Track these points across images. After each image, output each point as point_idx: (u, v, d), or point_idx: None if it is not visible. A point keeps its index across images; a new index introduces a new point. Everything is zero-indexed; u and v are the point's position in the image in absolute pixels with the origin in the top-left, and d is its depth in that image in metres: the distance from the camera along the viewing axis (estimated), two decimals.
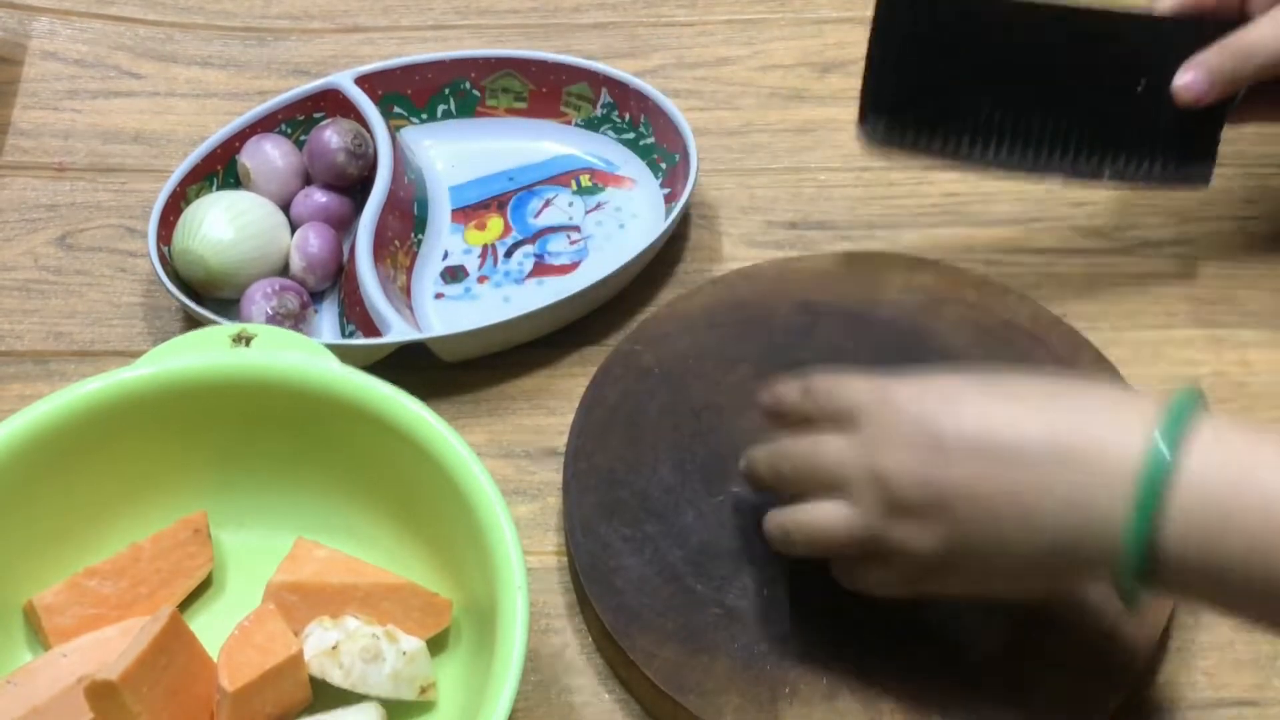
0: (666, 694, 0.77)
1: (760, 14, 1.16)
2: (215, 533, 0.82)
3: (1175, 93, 0.86)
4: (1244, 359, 0.94)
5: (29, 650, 0.79)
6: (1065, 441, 0.63)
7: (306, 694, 0.75)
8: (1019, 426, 0.65)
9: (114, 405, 0.78)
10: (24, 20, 1.16)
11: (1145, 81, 0.87)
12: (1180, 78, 0.86)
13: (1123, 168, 0.89)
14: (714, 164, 1.06)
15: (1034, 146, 0.88)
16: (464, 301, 0.98)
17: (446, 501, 0.75)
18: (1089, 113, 0.88)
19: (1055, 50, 0.87)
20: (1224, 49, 0.85)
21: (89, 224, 1.03)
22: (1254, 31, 0.84)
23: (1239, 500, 0.60)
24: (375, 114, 1.01)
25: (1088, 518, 0.63)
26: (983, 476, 0.65)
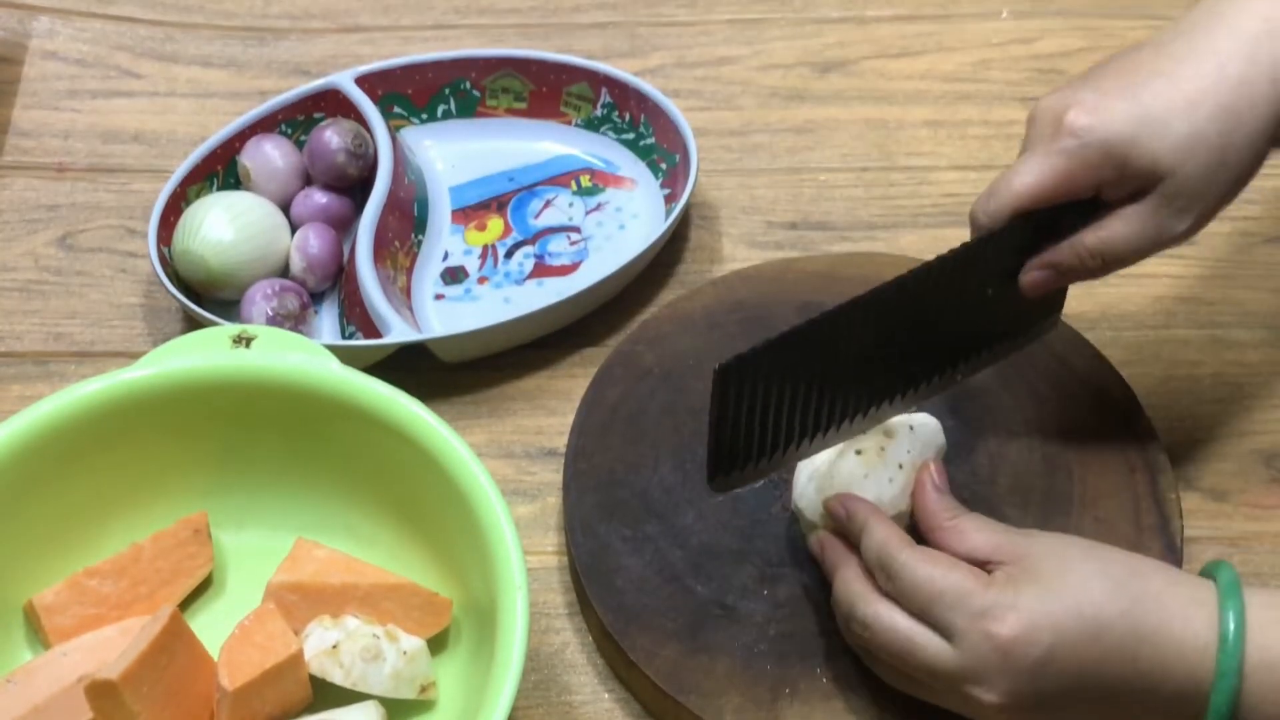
0: (666, 694, 0.77)
1: (760, 14, 1.16)
2: (215, 533, 0.82)
3: (1024, 288, 0.78)
4: (1243, 359, 0.94)
5: (29, 650, 0.79)
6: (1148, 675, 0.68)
7: (307, 693, 0.76)
8: (1110, 666, 0.68)
9: (114, 406, 0.78)
10: (24, 20, 1.16)
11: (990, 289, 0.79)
12: (1028, 276, 0.78)
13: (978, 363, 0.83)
14: (714, 164, 1.06)
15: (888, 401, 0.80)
16: (464, 302, 0.98)
17: (446, 502, 0.75)
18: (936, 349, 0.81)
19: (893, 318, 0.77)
20: (1076, 250, 0.76)
21: (89, 224, 1.03)
22: (1117, 237, 0.75)
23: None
24: (375, 114, 1.01)
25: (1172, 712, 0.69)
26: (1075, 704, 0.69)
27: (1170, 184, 0.72)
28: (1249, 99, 0.72)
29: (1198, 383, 0.93)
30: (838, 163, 1.07)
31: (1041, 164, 0.74)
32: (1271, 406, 0.92)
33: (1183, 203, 0.73)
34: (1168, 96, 0.72)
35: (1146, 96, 0.72)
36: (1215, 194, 0.73)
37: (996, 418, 0.87)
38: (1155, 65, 0.73)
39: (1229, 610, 0.67)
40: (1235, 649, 0.66)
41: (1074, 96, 0.73)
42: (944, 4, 1.17)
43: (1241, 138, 0.72)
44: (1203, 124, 0.72)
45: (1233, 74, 0.72)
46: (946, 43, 1.14)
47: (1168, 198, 0.73)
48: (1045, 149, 0.74)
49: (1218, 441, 0.91)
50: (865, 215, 1.03)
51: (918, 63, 1.13)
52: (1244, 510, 0.88)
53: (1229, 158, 0.72)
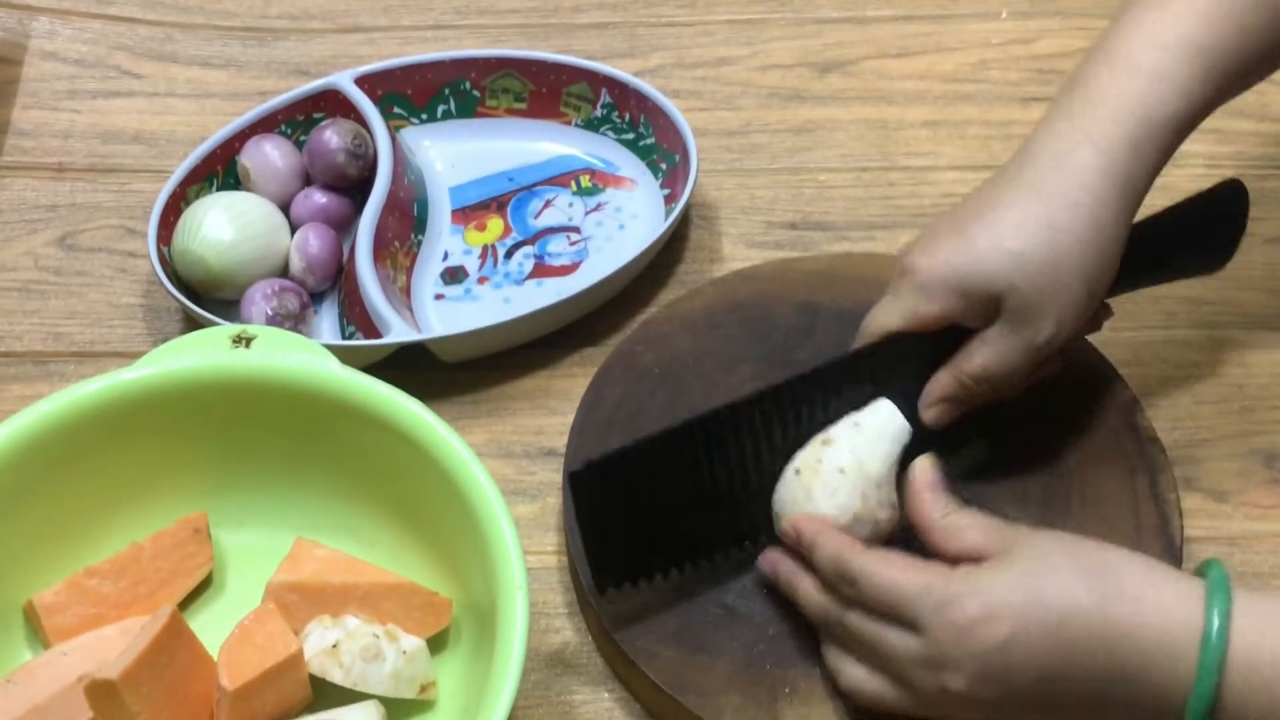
0: (666, 693, 0.77)
1: (760, 14, 1.16)
2: (215, 533, 0.82)
3: (929, 423, 0.81)
4: (1242, 360, 0.94)
5: (29, 649, 0.79)
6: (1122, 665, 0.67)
7: (306, 693, 0.76)
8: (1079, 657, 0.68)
9: (114, 406, 0.78)
10: (24, 20, 1.16)
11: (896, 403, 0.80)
12: (928, 412, 0.81)
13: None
14: (714, 164, 1.06)
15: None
16: (464, 302, 0.98)
17: (446, 501, 0.75)
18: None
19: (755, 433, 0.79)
20: (958, 377, 0.80)
21: (89, 224, 1.03)
22: (990, 361, 0.79)
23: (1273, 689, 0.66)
24: (375, 114, 1.01)
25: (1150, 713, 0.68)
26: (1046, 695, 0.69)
27: (1012, 301, 0.76)
28: (1073, 214, 0.76)
29: (1198, 383, 0.93)
30: (837, 163, 1.07)
31: (892, 305, 0.80)
32: (1271, 407, 0.92)
33: (1032, 314, 0.77)
34: (994, 228, 0.77)
35: (974, 229, 0.77)
36: (1065, 298, 0.76)
37: (996, 418, 0.87)
38: (982, 203, 0.78)
39: (1214, 608, 0.66)
40: (1217, 647, 0.65)
41: (917, 246, 0.79)
42: (943, 4, 1.17)
43: (1071, 245, 0.76)
44: (1027, 243, 0.76)
45: (1054, 194, 0.76)
46: (946, 43, 1.14)
47: (1016, 313, 0.77)
48: (894, 292, 0.80)
49: (1218, 441, 0.91)
50: (865, 215, 1.03)
51: (917, 63, 1.13)
52: (1244, 510, 0.88)
53: (1065, 265, 0.76)
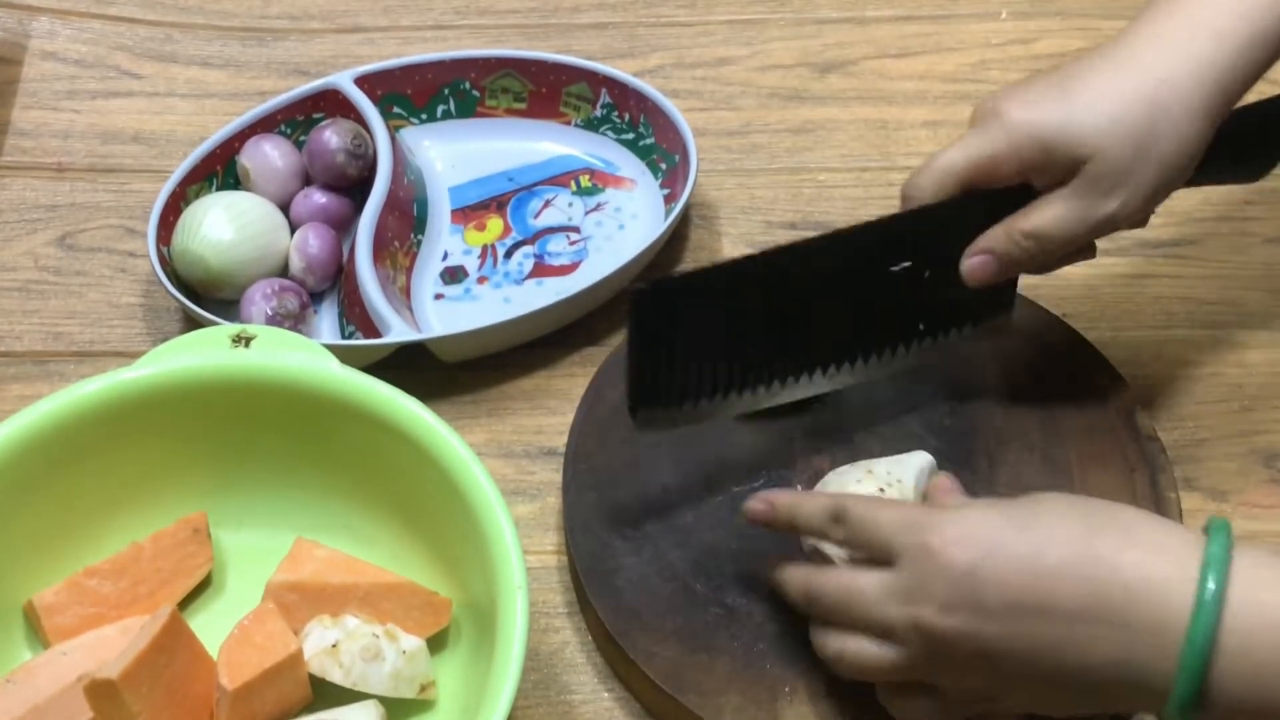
0: (666, 693, 0.77)
1: (760, 14, 1.16)
2: (215, 532, 0.82)
3: (964, 276, 0.81)
4: (1242, 360, 0.94)
5: (29, 649, 0.79)
6: (1106, 600, 0.64)
7: (306, 692, 0.75)
8: (1057, 582, 0.65)
9: (114, 406, 0.78)
10: (24, 20, 1.16)
11: (928, 270, 0.82)
12: (967, 261, 0.81)
13: (925, 351, 0.86)
14: (713, 164, 1.06)
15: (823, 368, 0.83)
16: (464, 302, 0.98)
17: (446, 501, 0.75)
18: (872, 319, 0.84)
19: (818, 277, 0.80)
20: (1010, 233, 0.79)
21: (89, 224, 1.03)
22: (1047, 220, 0.78)
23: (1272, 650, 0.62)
24: (375, 114, 1.01)
25: (1133, 671, 0.64)
26: (1025, 635, 0.65)
27: (1093, 165, 0.76)
28: (1174, 94, 0.76)
29: (1198, 383, 0.93)
30: (837, 163, 1.07)
31: (969, 145, 0.79)
32: (1271, 407, 0.92)
33: (1108, 183, 0.76)
34: (1095, 89, 0.77)
35: (1075, 89, 0.77)
36: (1142, 178, 0.76)
37: (996, 418, 0.87)
38: (1087, 67, 0.78)
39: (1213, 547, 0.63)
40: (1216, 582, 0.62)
41: (1009, 92, 0.79)
42: (943, 4, 1.17)
43: (1166, 126, 0.75)
44: (1125, 110, 0.76)
45: (1159, 73, 0.76)
46: (946, 43, 1.14)
47: (1092, 179, 0.76)
48: (973, 133, 0.79)
49: (1218, 441, 0.91)
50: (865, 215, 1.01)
51: (917, 63, 1.13)
52: (1244, 510, 0.88)
53: (1153, 143, 0.76)
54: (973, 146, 0.79)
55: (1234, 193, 1.02)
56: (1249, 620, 0.62)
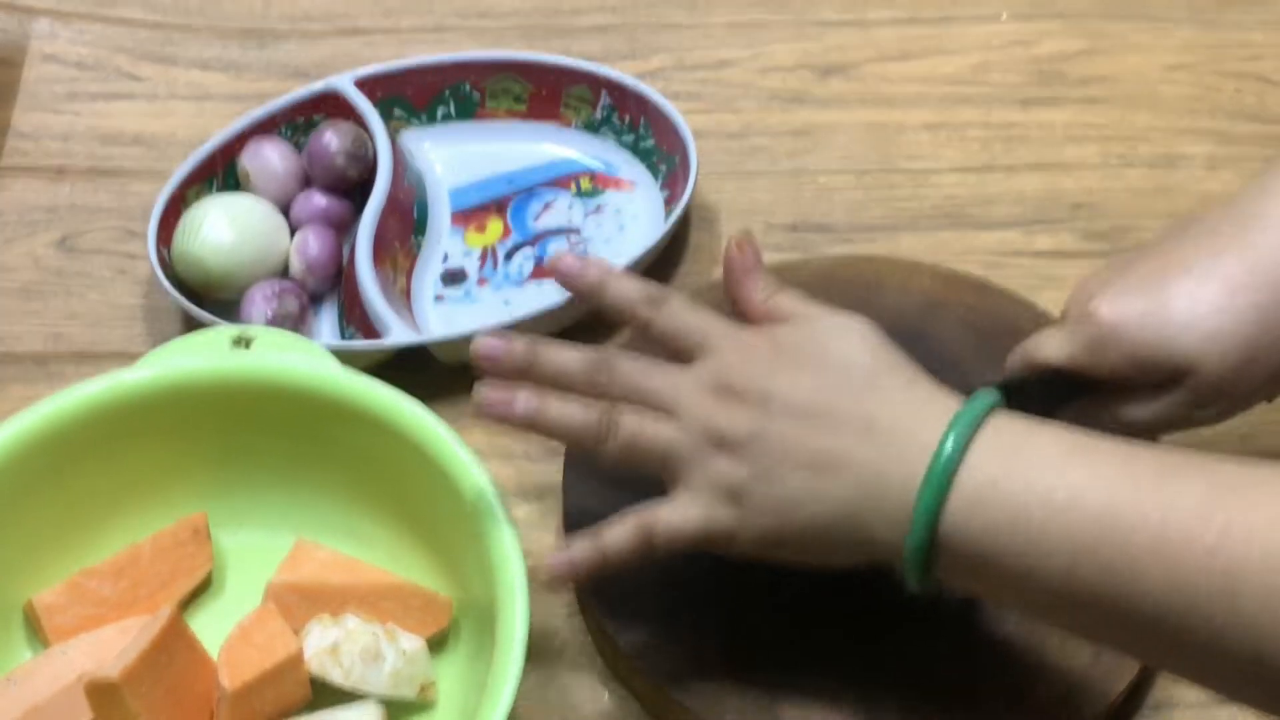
0: (666, 694, 0.77)
1: (760, 16, 1.16)
2: (215, 533, 0.82)
3: None
4: None
5: (29, 650, 0.79)
6: (874, 420, 0.67)
7: (306, 693, 0.75)
8: (840, 398, 0.68)
9: (114, 407, 0.78)
10: (24, 22, 1.16)
11: None
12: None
13: None
14: (714, 166, 1.05)
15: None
16: (464, 304, 0.98)
17: (446, 502, 0.75)
18: None
19: None
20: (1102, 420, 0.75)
21: (89, 226, 1.03)
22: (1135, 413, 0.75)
23: (1003, 484, 0.64)
24: (375, 117, 1.01)
25: (879, 493, 0.66)
26: (795, 434, 0.68)
27: (1195, 380, 0.72)
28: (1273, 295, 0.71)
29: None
30: (838, 165, 1.07)
31: (1063, 342, 0.76)
32: (1271, 407, 0.92)
33: (1210, 396, 0.73)
34: (1195, 295, 0.72)
35: (1173, 293, 0.72)
36: (1246, 388, 0.74)
37: None
38: (1184, 255, 0.73)
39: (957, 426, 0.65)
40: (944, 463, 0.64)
41: (1105, 281, 0.75)
42: (944, 7, 1.17)
43: (1269, 335, 0.72)
44: (1231, 323, 0.71)
45: (1269, 273, 0.72)
46: (946, 46, 1.14)
47: (1193, 391, 0.73)
48: (1071, 329, 0.76)
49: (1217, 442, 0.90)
50: (865, 218, 1.03)
51: (918, 66, 1.13)
52: None
53: (1261, 355, 0.72)
54: (1065, 348, 0.75)
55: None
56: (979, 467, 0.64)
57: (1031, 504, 0.63)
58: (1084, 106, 1.10)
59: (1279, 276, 0.71)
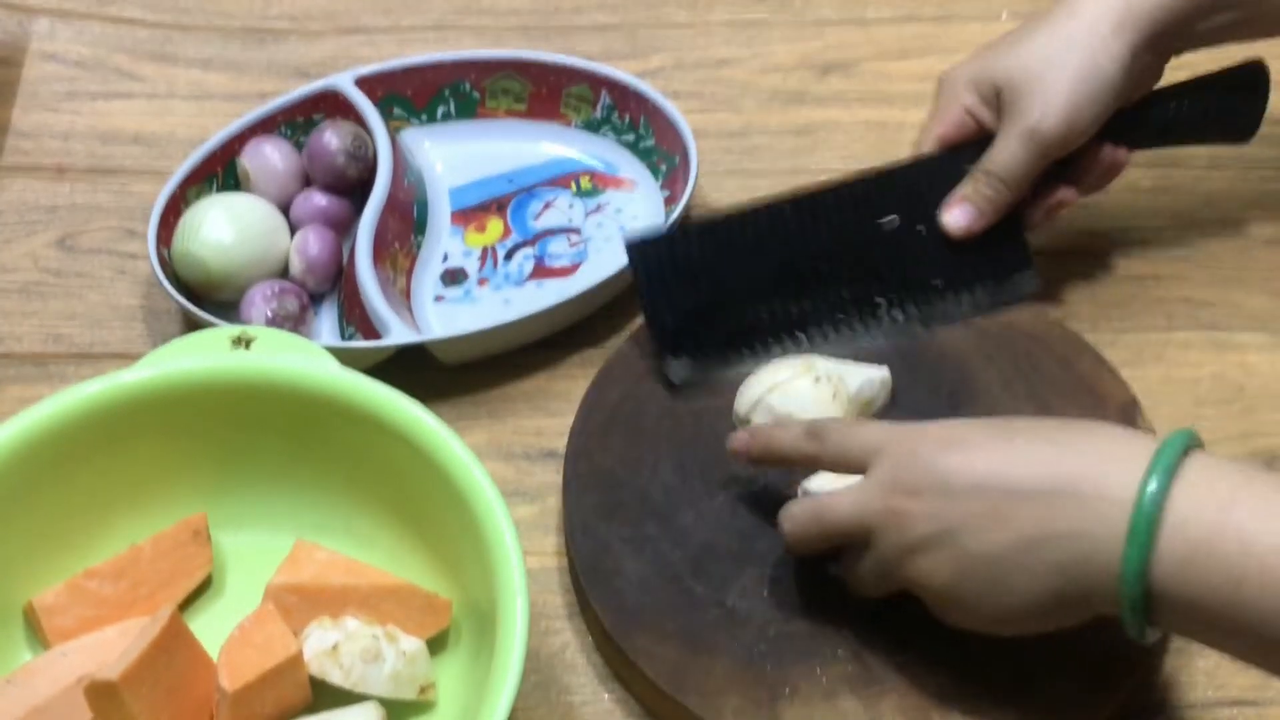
0: (666, 694, 0.77)
1: (760, 15, 1.16)
2: (215, 534, 0.82)
3: (946, 230, 0.90)
4: (1243, 361, 0.94)
5: (29, 651, 0.79)
6: (1064, 481, 0.66)
7: (306, 694, 0.75)
8: (1021, 467, 0.68)
9: (114, 407, 0.78)
10: (24, 21, 1.16)
11: (924, 227, 0.90)
12: (945, 216, 0.90)
13: (947, 308, 0.92)
14: (714, 166, 1.06)
15: (845, 324, 0.91)
16: (464, 304, 0.98)
17: (446, 503, 0.75)
18: (881, 274, 0.91)
19: (821, 229, 0.90)
20: (976, 177, 0.89)
21: (89, 226, 1.03)
22: (997, 154, 0.88)
23: (1217, 542, 0.63)
24: (375, 116, 1.01)
25: (1087, 553, 0.66)
26: (986, 513, 0.68)
27: (1008, 89, 0.87)
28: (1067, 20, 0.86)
29: (1198, 383, 0.93)
30: (838, 164, 1.06)
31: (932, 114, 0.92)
32: (1272, 407, 0.92)
33: (1025, 100, 0.86)
34: (1004, 39, 0.89)
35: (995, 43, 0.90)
36: (1054, 85, 0.85)
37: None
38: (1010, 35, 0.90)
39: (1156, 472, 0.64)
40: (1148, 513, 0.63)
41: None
42: (944, 5, 1.17)
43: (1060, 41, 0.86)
44: (1024, 40, 0.87)
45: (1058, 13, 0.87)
46: (946, 44, 1.14)
47: (1010, 101, 0.87)
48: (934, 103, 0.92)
49: (1218, 442, 0.90)
50: None
51: (918, 64, 1.13)
52: None
53: (1058, 54, 0.85)
54: (931, 114, 0.91)
55: (1234, 195, 1.02)
56: (1190, 503, 0.63)
57: (1251, 550, 0.62)
58: None
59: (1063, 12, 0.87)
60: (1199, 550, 0.63)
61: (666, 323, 0.88)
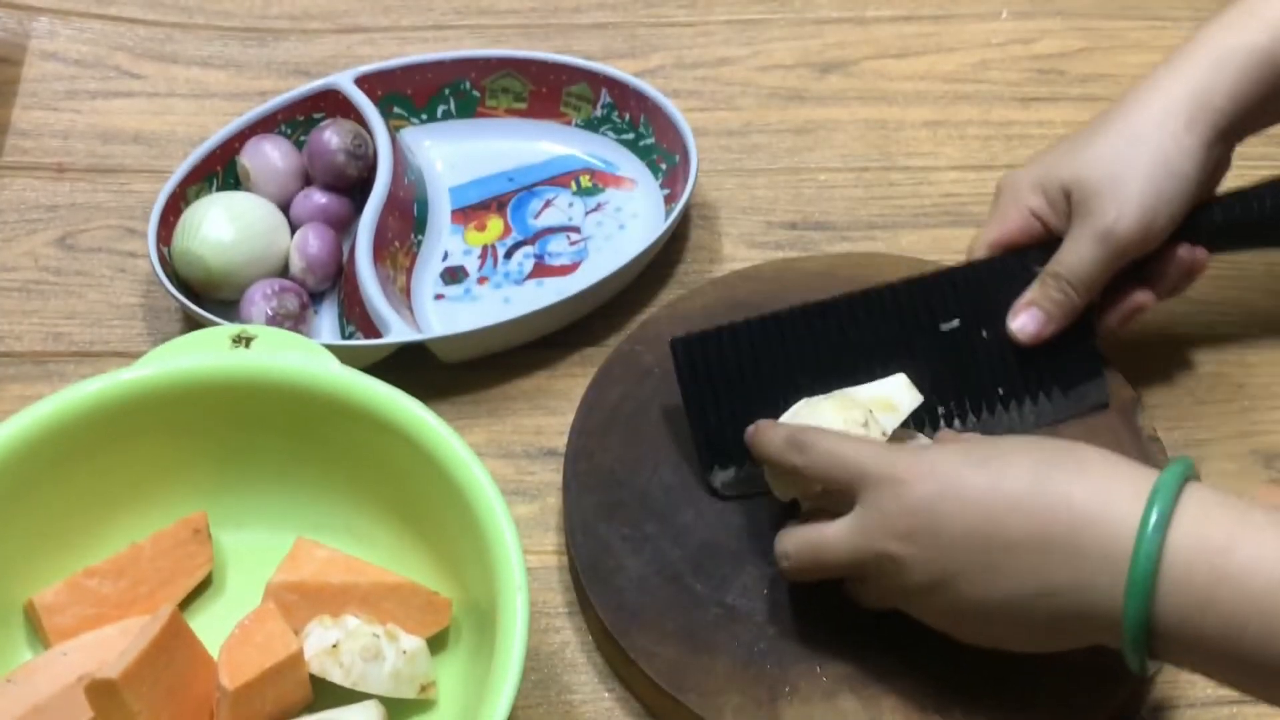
0: (666, 693, 0.77)
1: (760, 14, 1.16)
2: (215, 533, 0.82)
3: (1014, 336, 0.86)
4: (1243, 360, 0.94)
5: (29, 649, 0.79)
6: (1060, 532, 0.66)
7: (307, 693, 0.75)
8: (1016, 516, 0.67)
9: (114, 406, 0.78)
10: (24, 20, 1.16)
11: (988, 331, 0.86)
12: (1013, 322, 0.86)
13: (1010, 418, 0.87)
14: (714, 164, 1.06)
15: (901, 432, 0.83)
16: (464, 302, 0.98)
17: (446, 501, 0.75)
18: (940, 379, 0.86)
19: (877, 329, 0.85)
20: (1044, 281, 0.85)
21: (89, 225, 1.03)
22: (1067, 257, 0.83)
23: (1217, 589, 0.63)
24: (375, 114, 1.01)
25: (1087, 604, 0.66)
26: (981, 563, 0.68)
27: (1079, 192, 0.82)
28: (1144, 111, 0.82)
29: (1198, 383, 0.94)
30: (837, 163, 1.07)
31: (992, 217, 0.87)
32: (1271, 407, 0.92)
33: (1094, 202, 0.82)
34: (1072, 141, 0.85)
35: (1062, 146, 0.85)
36: (1128, 188, 0.81)
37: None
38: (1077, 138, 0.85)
39: (1166, 476, 0.65)
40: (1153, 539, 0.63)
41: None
42: (944, 4, 1.17)
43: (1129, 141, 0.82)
44: (1094, 141, 0.83)
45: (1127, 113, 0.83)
46: (946, 43, 1.14)
47: (1082, 204, 0.82)
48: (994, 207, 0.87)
49: (1218, 441, 0.91)
50: (865, 215, 1.03)
51: (917, 63, 1.13)
52: None
53: (1131, 155, 0.81)
54: (991, 217, 0.87)
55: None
56: (1189, 551, 0.63)
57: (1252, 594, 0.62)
58: (1083, 104, 1.10)
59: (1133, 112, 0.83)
60: (1200, 600, 0.63)
61: (710, 424, 0.84)
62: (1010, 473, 0.68)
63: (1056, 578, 0.66)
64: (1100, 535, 0.65)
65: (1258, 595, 0.62)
